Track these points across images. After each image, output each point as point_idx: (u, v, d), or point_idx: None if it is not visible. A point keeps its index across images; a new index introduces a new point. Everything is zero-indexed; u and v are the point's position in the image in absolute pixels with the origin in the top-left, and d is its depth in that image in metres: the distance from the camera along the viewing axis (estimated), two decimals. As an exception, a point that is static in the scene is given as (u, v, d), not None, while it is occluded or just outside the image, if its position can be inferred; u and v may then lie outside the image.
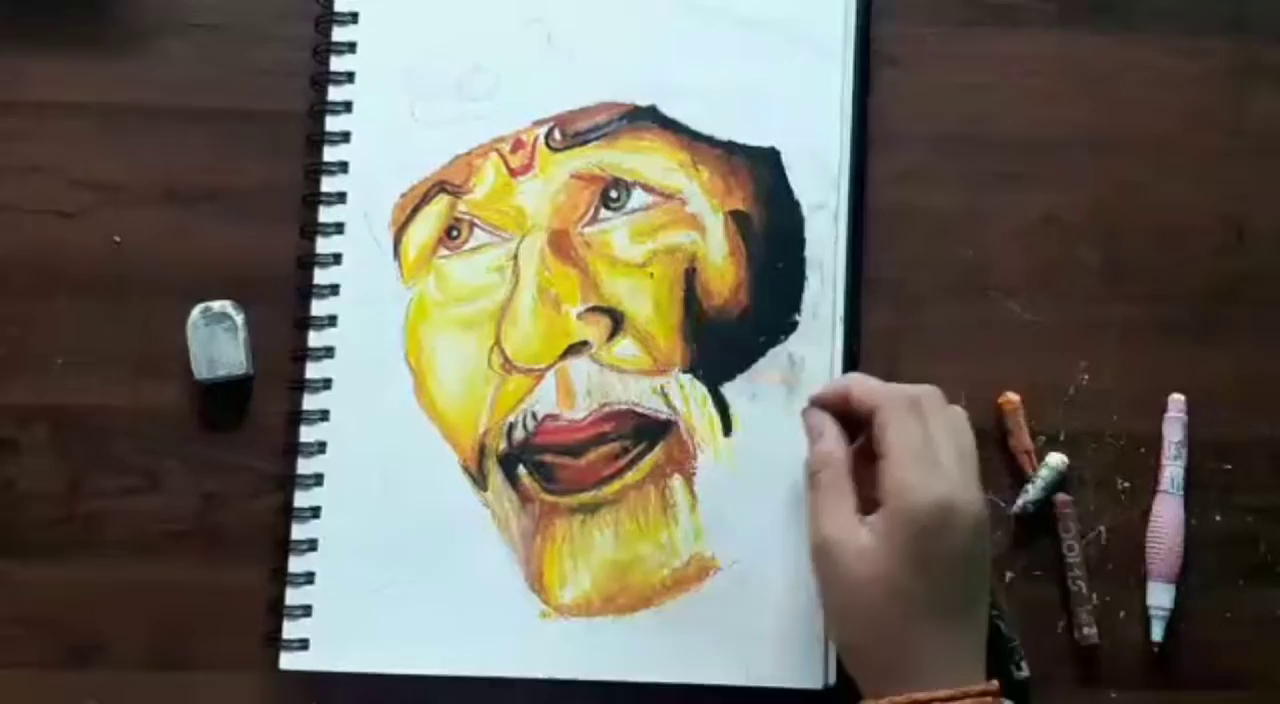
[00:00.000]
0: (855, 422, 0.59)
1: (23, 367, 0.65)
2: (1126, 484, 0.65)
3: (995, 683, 0.55)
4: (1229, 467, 0.66)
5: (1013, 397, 0.65)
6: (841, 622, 0.57)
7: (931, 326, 0.66)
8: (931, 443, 0.56)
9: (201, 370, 0.64)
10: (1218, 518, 0.66)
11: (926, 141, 0.67)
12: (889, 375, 0.65)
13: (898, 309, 0.66)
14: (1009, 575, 0.64)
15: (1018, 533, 0.65)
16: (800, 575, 0.62)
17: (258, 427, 0.65)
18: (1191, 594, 0.65)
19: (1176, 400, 0.65)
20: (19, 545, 0.63)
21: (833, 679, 0.62)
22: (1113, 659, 0.64)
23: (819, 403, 0.60)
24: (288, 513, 0.63)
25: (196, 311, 0.64)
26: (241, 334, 0.64)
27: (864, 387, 0.59)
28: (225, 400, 0.64)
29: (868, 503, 0.56)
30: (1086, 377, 0.66)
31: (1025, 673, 0.63)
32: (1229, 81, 0.68)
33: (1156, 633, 0.64)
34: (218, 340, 0.64)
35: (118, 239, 0.66)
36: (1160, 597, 0.64)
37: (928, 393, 0.58)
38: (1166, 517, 0.64)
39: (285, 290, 0.65)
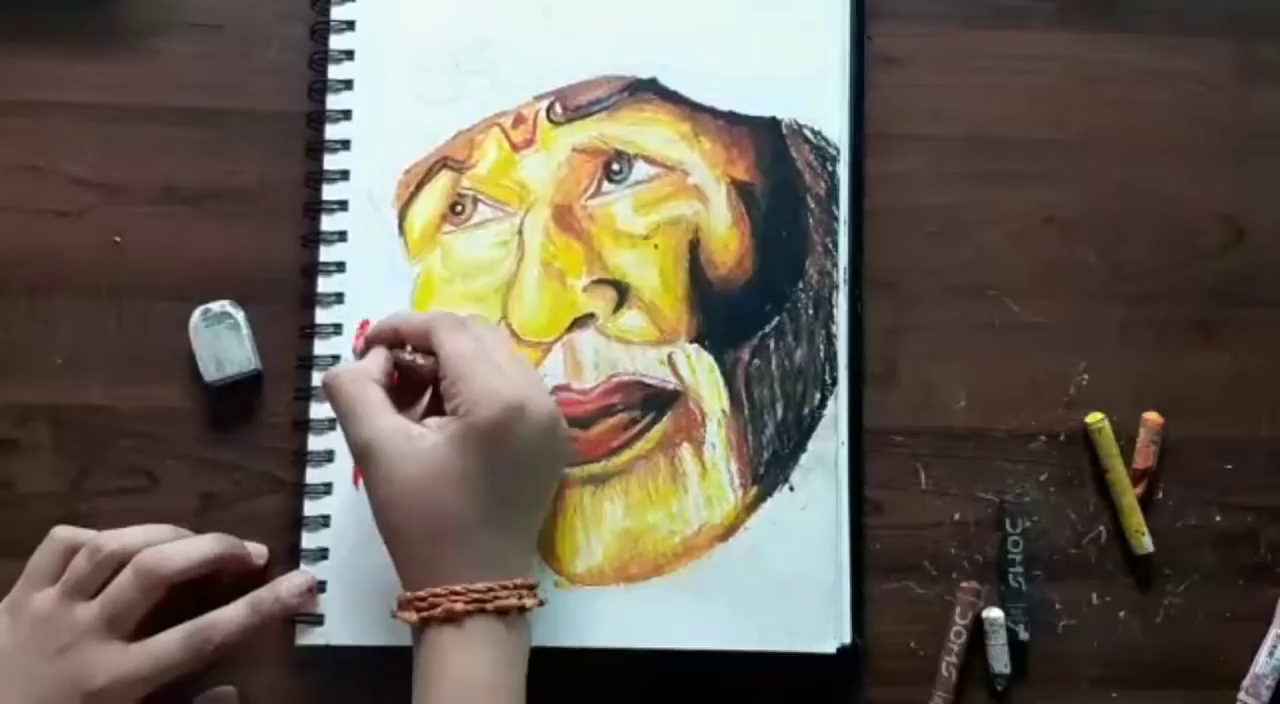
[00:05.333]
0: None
1: (23, 367, 0.65)
2: (1126, 484, 0.66)
3: (534, 578, 0.57)
4: (1229, 467, 0.66)
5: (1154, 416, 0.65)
6: (394, 513, 0.56)
7: (931, 326, 0.66)
8: (489, 351, 0.57)
9: (210, 372, 0.64)
10: (1218, 518, 0.66)
11: (926, 141, 0.67)
12: (889, 375, 0.65)
13: (898, 309, 0.66)
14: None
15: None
16: (811, 541, 0.62)
17: (258, 425, 0.65)
18: (1192, 594, 0.65)
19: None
20: (19, 545, 0.63)
21: (846, 640, 0.62)
22: (1112, 658, 0.64)
23: (372, 339, 0.60)
24: (300, 489, 0.63)
25: (196, 315, 0.64)
26: (244, 330, 0.64)
27: (409, 315, 0.61)
28: (225, 398, 0.64)
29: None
30: (1086, 377, 0.66)
31: (1026, 636, 0.64)
32: (1229, 81, 0.69)
33: None
34: (222, 340, 0.64)
35: (118, 239, 0.66)
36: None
37: (472, 314, 0.61)
38: None
39: (288, 287, 0.65)
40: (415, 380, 0.60)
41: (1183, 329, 0.67)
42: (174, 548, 0.60)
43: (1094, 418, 0.65)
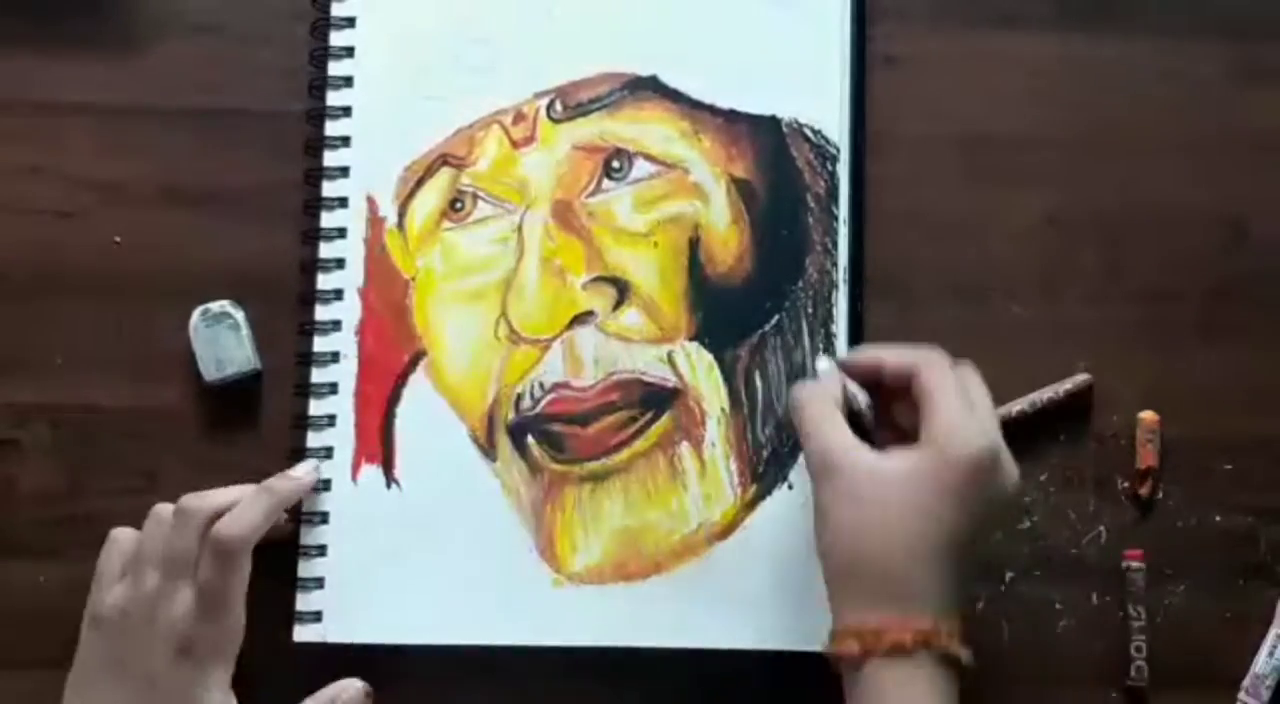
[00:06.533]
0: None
1: (23, 366, 0.65)
2: (1126, 484, 0.65)
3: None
4: (1229, 467, 0.66)
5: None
6: (862, 536, 0.55)
7: (931, 327, 0.66)
8: (974, 399, 0.57)
9: (210, 371, 0.64)
10: (1218, 518, 0.66)
11: (926, 141, 0.67)
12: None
13: (898, 309, 0.66)
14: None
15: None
16: (807, 540, 0.62)
17: (258, 424, 0.65)
18: (1192, 594, 0.65)
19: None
20: (19, 545, 0.63)
21: None
22: (1112, 658, 0.64)
23: (845, 367, 0.60)
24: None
25: (196, 315, 0.64)
26: (244, 330, 0.64)
27: (897, 351, 0.59)
28: (225, 398, 0.64)
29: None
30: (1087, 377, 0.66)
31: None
32: (1229, 81, 0.69)
33: None
34: (222, 340, 0.64)
35: (118, 239, 0.66)
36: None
37: (963, 361, 0.60)
38: None
39: (288, 287, 0.65)
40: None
41: (1183, 329, 0.67)
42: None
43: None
